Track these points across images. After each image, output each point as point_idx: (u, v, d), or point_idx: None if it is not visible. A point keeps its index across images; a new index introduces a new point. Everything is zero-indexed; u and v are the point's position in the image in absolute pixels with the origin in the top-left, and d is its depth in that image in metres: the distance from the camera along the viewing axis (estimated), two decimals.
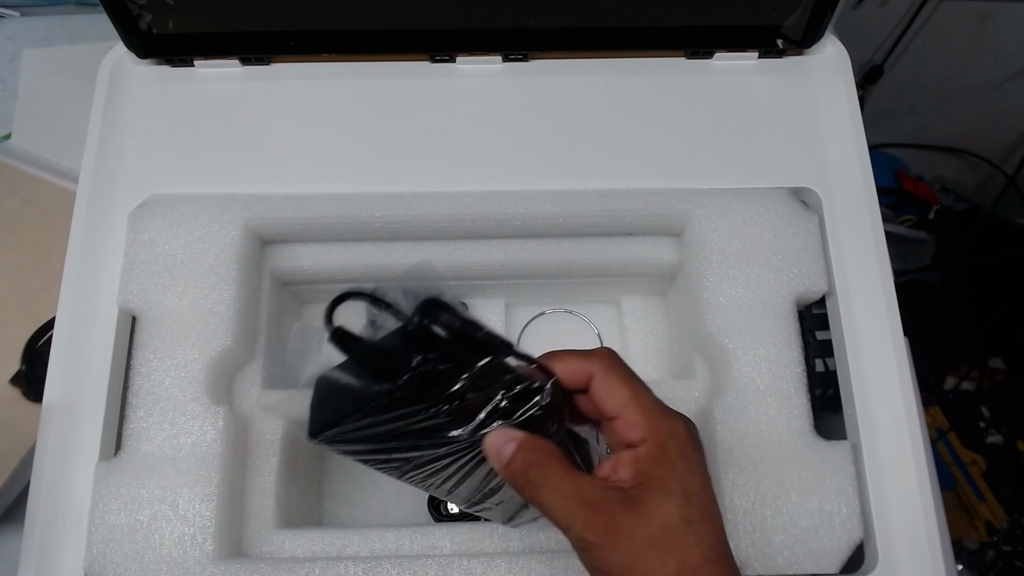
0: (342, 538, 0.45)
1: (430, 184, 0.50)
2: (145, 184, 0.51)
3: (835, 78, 0.54)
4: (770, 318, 0.48)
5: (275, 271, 0.53)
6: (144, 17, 0.50)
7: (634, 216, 0.51)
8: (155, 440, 0.45)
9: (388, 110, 0.53)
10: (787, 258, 0.49)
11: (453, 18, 0.51)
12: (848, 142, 0.52)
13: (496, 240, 0.53)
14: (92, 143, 0.51)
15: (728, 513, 0.44)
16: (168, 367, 0.46)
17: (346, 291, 0.33)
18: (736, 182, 0.51)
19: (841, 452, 0.45)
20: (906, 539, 0.44)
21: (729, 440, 0.45)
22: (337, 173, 0.51)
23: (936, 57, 1.08)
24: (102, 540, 0.43)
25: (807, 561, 0.43)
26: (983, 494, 1.11)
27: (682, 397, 0.50)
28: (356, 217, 0.50)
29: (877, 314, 0.48)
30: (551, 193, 0.50)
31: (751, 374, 0.46)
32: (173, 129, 0.52)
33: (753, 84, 0.54)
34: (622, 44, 0.54)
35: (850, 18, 1.01)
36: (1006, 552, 1.06)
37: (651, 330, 0.59)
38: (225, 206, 0.49)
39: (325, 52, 0.54)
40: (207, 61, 0.54)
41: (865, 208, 0.50)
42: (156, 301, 0.47)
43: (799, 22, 0.52)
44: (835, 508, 0.44)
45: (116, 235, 0.49)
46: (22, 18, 0.75)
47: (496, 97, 0.53)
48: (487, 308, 0.59)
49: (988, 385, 1.24)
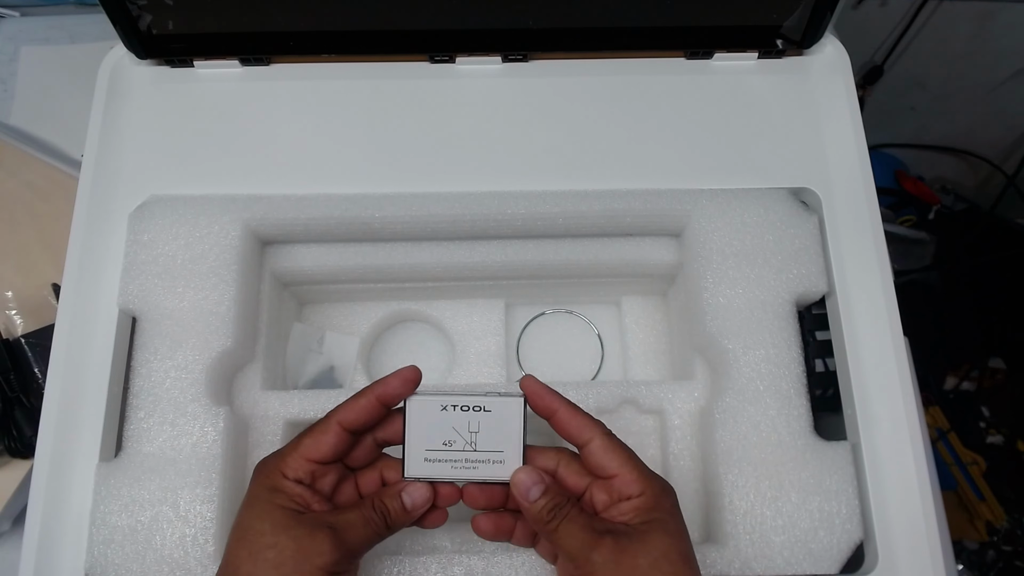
0: None
1: (430, 184, 0.50)
2: (145, 185, 0.51)
3: (835, 78, 0.54)
4: (770, 318, 0.48)
5: (275, 272, 0.53)
6: (144, 17, 0.50)
7: (634, 216, 0.51)
8: (156, 441, 0.45)
9: (388, 110, 0.53)
10: (787, 258, 0.49)
11: (453, 18, 0.51)
12: (848, 142, 0.52)
13: (496, 240, 0.53)
14: (92, 143, 0.51)
15: (728, 513, 0.44)
16: (168, 368, 0.46)
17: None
18: (736, 182, 0.51)
19: (841, 452, 0.45)
20: (906, 539, 0.44)
21: (729, 440, 0.45)
22: (337, 173, 0.51)
23: (936, 57, 1.08)
24: (103, 541, 0.43)
25: (807, 561, 0.43)
26: (983, 494, 1.11)
27: (682, 397, 0.50)
28: (356, 217, 0.50)
29: (877, 314, 0.48)
30: (551, 193, 0.50)
31: (751, 374, 0.46)
32: (173, 129, 0.52)
33: (753, 84, 0.54)
34: (622, 44, 0.54)
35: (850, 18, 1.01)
36: (1006, 552, 1.06)
37: (651, 330, 0.59)
38: (225, 207, 0.49)
39: (325, 52, 0.54)
40: (207, 61, 0.54)
41: (865, 208, 0.50)
42: (156, 302, 0.47)
43: (799, 22, 0.52)
44: (835, 508, 0.44)
45: (116, 236, 0.49)
46: (22, 18, 0.75)
47: (496, 97, 0.53)
48: (487, 308, 0.59)
49: (988, 385, 1.24)
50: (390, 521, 0.37)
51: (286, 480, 0.36)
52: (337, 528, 0.35)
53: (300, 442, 0.37)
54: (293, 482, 0.36)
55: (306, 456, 0.37)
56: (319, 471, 0.37)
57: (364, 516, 0.36)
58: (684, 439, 0.49)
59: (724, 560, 0.43)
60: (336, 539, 0.34)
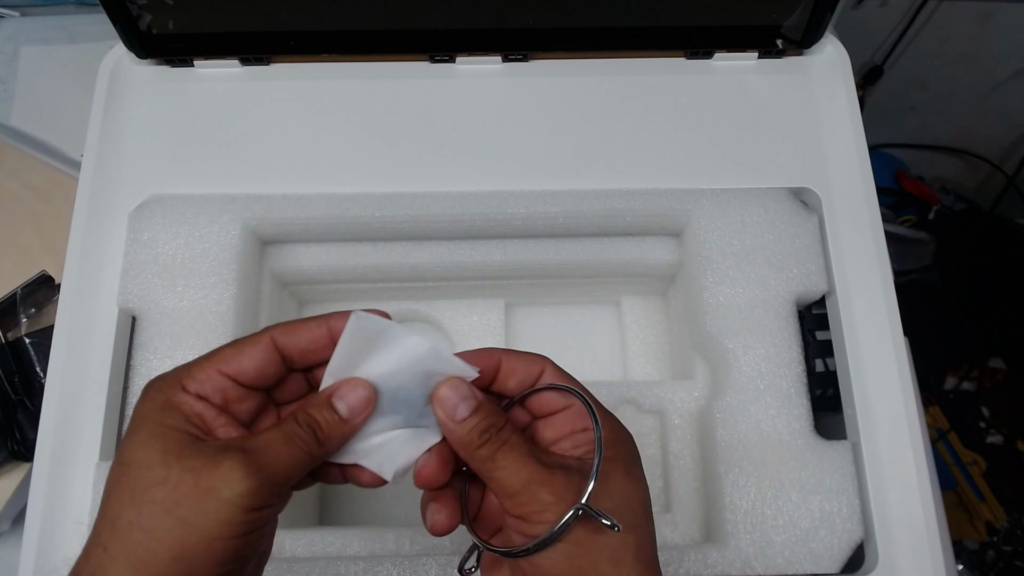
0: (342, 538, 0.45)
1: (430, 184, 0.50)
2: (145, 184, 0.51)
3: (835, 78, 0.54)
4: (770, 318, 0.48)
5: (275, 271, 0.53)
6: (144, 17, 0.50)
7: (634, 216, 0.51)
8: None
9: (388, 110, 0.53)
10: (787, 258, 0.49)
11: (453, 18, 0.51)
12: (848, 142, 0.52)
13: (496, 240, 0.53)
14: (92, 143, 0.51)
15: (728, 513, 0.44)
16: (168, 367, 0.46)
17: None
18: (736, 182, 0.51)
19: (841, 452, 0.45)
20: (906, 539, 0.44)
21: (729, 440, 0.45)
22: (337, 173, 0.51)
23: (936, 57, 1.08)
24: None
25: (807, 561, 0.43)
26: (983, 494, 1.11)
27: (682, 397, 0.50)
28: (356, 217, 0.50)
29: (877, 314, 0.48)
30: (551, 193, 0.50)
31: (751, 374, 0.46)
32: (173, 129, 0.52)
33: (753, 84, 0.54)
34: (622, 44, 0.54)
35: (850, 18, 1.01)
36: (1006, 552, 1.06)
37: (651, 330, 0.59)
38: (225, 206, 0.49)
39: (325, 52, 0.54)
40: (207, 61, 0.54)
41: (865, 208, 0.50)
42: (156, 301, 0.47)
43: (799, 22, 0.52)
44: (835, 508, 0.44)
45: (116, 235, 0.49)
46: (22, 18, 0.75)
47: (496, 97, 0.53)
48: (487, 308, 0.59)
49: (988, 385, 1.24)
50: (321, 435, 0.28)
51: (185, 394, 0.28)
52: (250, 451, 0.26)
53: (216, 351, 0.29)
54: (194, 397, 0.28)
55: (220, 367, 0.28)
56: (234, 393, 0.28)
57: (286, 433, 0.28)
58: (684, 439, 0.49)
59: (725, 560, 0.43)
60: (250, 464, 0.26)
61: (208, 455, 0.26)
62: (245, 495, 0.25)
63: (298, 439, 0.28)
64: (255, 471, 0.26)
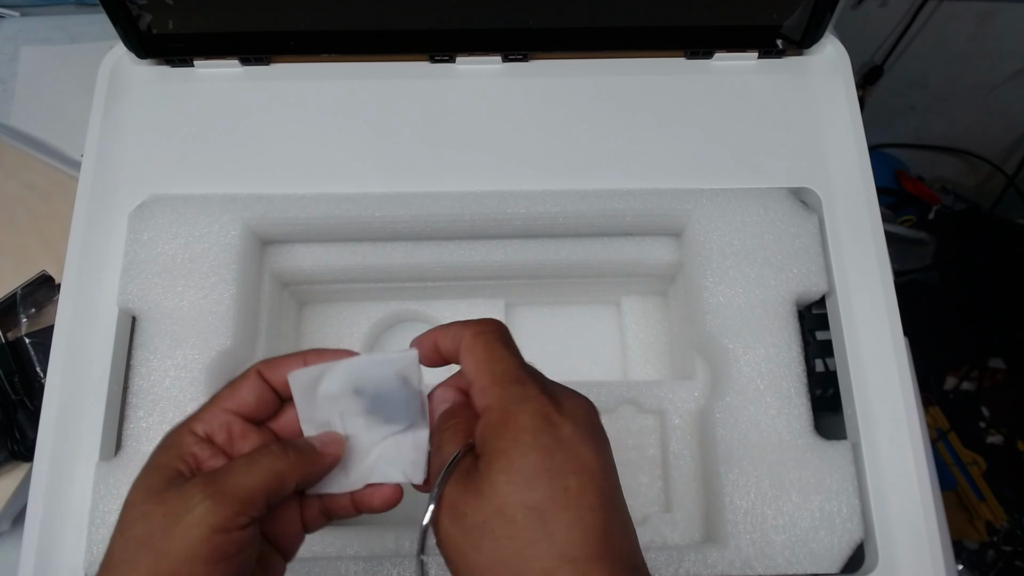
0: (342, 538, 0.45)
1: (430, 184, 0.50)
2: (145, 184, 0.51)
3: (835, 78, 0.54)
4: (770, 318, 0.48)
5: (275, 271, 0.53)
6: (144, 17, 0.50)
7: (634, 216, 0.51)
8: (155, 440, 0.44)
9: (388, 110, 0.53)
10: (787, 258, 0.49)
11: (453, 18, 0.51)
12: (848, 142, 0.52)
13: (496, 240, 0.53)
14: (92, 143, 0.51)
15: (728, 513, 0.44)
16: (168, 367, 0.46)
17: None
18: (736, 182, 0.51)
19: (841, 452, 0.45)
20: (906, 539, 0.44)
21: (729, 440, 0.45)
22: (337, 173, 0.51)
23: (936, 57, 1.08)
24: (103, 540, 0.43)
25: (807, 561, 0.43)
26: (983, 494, 1.11)
27: (682, 397, 0.50)
28: (356, 217, 0.50)
29: (877, 314, 0.48)
30: (551, 193, 0.50)
31: (751, 374, 0.46)
32: (173, 129, 0.52)
33: (753, 84, 0.54)
34: (622, 44, 0.54)
35: (850, 18, 1.01)
36: (1006, 552, 1.06)
37: (651, 330, 0.59)
38: (225, 206, 0.49)
39: (325, 52, 0.54)
40: (207, 61, 0.54)
41: (865, 208, 0.50)
42: (156, 301, 0.47)
43: (799, 22, 0.52)
44: (835, 508, 0.44)
45: (116, 235, 0.49)
46: (22, 18, 0.75)
47: (496, 97, 0.53)
48: (487, 308, 0.59)
49: (988, 385, 1.24)
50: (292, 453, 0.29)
51: (190, 435, 0.29)
52: (213, 475, 0.27)
53: (217, 394, 0.31)
54: (197, 438, 0.29)
55: (223, 405, 0.30)
56: (238, 428, 0.30)
57: (250, 455, 0.28)
58: (684, 439, 0.49)
59: (725, 560, 0.43)
60: (209, 486, 0.27)
61: (179, 486, 0.27)
62: (205, 515, 0.26)
63: (264, 459, 0.28)
64: (214, 492, 0.27)
